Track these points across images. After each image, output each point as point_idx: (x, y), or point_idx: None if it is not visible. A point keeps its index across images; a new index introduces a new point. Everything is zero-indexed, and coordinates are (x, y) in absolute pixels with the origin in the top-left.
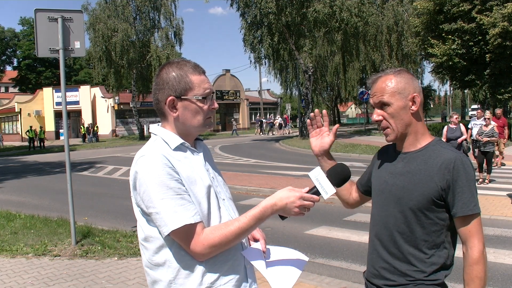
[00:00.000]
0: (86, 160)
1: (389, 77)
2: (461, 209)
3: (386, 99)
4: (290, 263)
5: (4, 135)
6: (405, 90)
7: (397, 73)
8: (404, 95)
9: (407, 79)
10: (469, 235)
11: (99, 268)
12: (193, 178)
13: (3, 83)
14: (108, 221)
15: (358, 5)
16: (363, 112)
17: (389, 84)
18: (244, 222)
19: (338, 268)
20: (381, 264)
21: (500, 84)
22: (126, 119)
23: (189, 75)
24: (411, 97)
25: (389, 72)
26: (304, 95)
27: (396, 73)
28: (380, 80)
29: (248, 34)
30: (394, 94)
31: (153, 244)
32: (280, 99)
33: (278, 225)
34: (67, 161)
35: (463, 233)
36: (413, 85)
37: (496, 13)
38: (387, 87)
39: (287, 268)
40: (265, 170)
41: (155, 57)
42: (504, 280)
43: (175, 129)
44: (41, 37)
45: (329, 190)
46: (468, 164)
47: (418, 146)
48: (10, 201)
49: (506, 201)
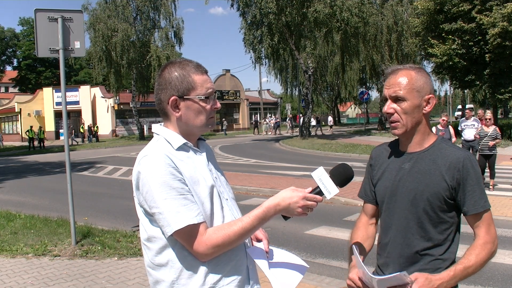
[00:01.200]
0: (86, 160)
1: (409, 73)
2: (473, 207)
3: (403, 94)
4: (292, 267)
5: (4, 135)
6: (423, 89)
7: (417, 70)
8: (421, 94)
9: (426, 79)
10: (483, 229)
11: (99, 268)
12: (196, 178)
13: (3, 83)
14: (108, 221)
15: (358, 5)
16: (363, 112)
17: (408, 80)
18: (247, 222)
19: (338, 268)
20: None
21: (500, 84)
22: (126, 119)
23: (192, 75)
24: (427, 98)
25: (409, 67)
26: (304, 95)
27: (417, 69)
28: (400, 73)
29: (248, 34)
30: (412, 91)
31: (156, 244)
32: (280, 99)
33: (278, 225)
34: (67, 161)
35: (476, 228)
36: (430, 86)
37: (496, 13)
38: (406, 82)
39: (289, 271)
40: (265, 170)
41: (155, 57)
42: (504, 280)
43: (177, 129)
44: (41, 37)
45: (332, 190)
46: (475, 162)
47: (425, 146)
48: (10, 201)
49: (506, 201)
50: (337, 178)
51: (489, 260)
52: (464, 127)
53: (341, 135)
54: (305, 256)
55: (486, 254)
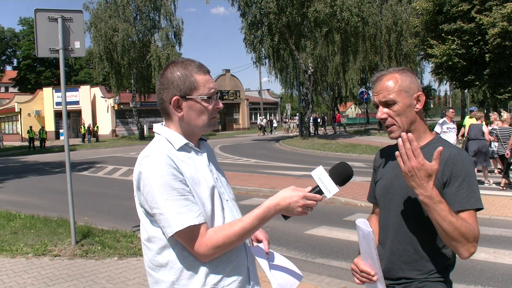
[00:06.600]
0: (86, 160)
1: (394, 76)
2: (459, 203)
3: (393, 97)
4: (290, 272)
5: (4, 135)
6: (411, 88)
7: (401, 72)
8: (410, 94)
9: (412, 78)
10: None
11: (99, 268)
12: (197, 178)
13: (3, 83)
14: (108, 221)
15: (358, 4)
16: (363, 112)
17: (395, 83)
18: (248, 223)
19: (338, 268)
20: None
21: (499, 84)
22: (126, 119)
23: (194, 75)
24: (416, 96)
25: (392, 71)
26: (304, 95)
27: (400, 71)
28: (385, 78)
29: (248, 34)
30: (400, 92)
31: (156, 245)
32: (280, 99)
33: (278, 225)
34: (67, 161)
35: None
36: (417, 84)
37: (496, 13)
38: (393, 85)
39: (288, 276)
40: (265, 170)
41: (155, 57)
42: (504, 280)
43: (179, 129)
44: (41, 37)
45: (332, 189)
46: (468, 160)
47: (421, 144)
48: (10, 201)
49: (506, 201)
50: (337, 177)
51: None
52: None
53: (341, 135)
54: (305, 256)
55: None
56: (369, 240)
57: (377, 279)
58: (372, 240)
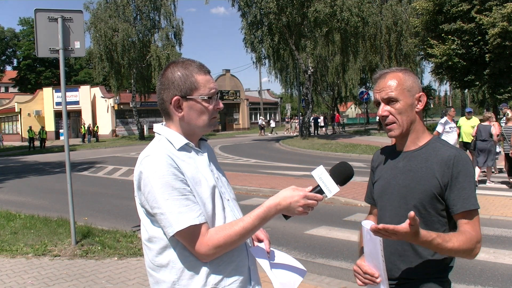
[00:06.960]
0: (86, 160)
1: (397, 74)
2: (462, 205)
3: (396, 95)
4: (292, 269)
5: (4, 135)
6: (413, 88)
7: (404, 71)
8: (412, 93)
9: (414, 78)
10: (470, 226)
11: (99, 268)
12: (198, 178)
13: (3, 83)
14: (108, 221)
15: (358, 4)
16: (363, 112)
17: (398, 81)
18: (248, 222)
19: (338, 268)
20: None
21: (499, 84)
22: (126, 119)
23: (195, 75)
24: (418, 96)
25: (395, 70)
26: (304, 95)
27: (403, 71)
28: (388, 76)
29: (248, 34)
30: (403, 91)
31: (157, 245)
32: (280, 99)
33: (278, 225)
34: (67, 161)
35: (463, 226)
36: (418, 85)
37: (496, 13)
38: (396, 83)
39: (290, 273)
40: (265, 170)
41: (155, 57)
42: (504, 280)
43: (180, 129)
44: (41, 37)
45: (333, 189)
46: (467, 160)
47: (419, 144)
48: (10, 201)
49: (506, 201)
50: (338, 176)
51: (465, 254)
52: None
53: (341, 135)
54: (305, 256)
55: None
56: (376, 242)
57: (381, 281)
58: (379, 243)
